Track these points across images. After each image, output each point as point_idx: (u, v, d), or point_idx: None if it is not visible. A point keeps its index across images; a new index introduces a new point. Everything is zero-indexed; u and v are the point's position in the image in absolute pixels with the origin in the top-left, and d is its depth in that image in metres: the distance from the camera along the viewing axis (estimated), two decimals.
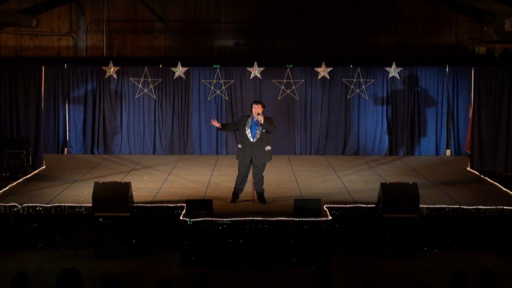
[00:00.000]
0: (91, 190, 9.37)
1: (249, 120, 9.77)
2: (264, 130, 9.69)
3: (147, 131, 14.66)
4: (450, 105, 14.51)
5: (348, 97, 14.55)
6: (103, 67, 14.48)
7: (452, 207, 9.69)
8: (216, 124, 9.90)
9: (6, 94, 12.90)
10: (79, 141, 14.61)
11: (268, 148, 9.78)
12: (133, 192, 9.71)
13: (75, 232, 9.64)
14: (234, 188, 9.97)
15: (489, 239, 9.65)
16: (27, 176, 11.85)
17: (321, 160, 13.92)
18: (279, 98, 14.59)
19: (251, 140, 9.68)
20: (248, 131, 9.70)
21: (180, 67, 14.45)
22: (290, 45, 16.16)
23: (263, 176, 9.89)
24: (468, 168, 12.76)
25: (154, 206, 9.73)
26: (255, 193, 10.05)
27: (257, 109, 9.66)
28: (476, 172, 12.40)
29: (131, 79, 14.53)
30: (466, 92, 13.96)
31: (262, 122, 9.59)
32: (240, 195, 10.05)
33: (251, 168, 9.94)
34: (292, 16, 16.18)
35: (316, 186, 11.25)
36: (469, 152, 13.40)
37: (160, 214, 9.63)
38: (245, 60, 15.49)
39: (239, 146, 9.91)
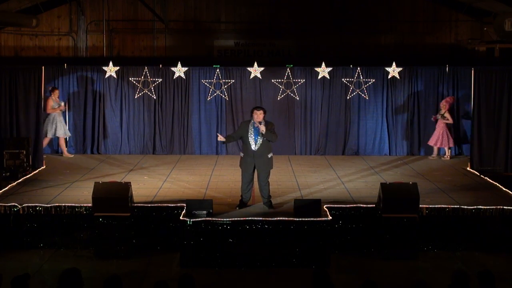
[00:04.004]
0: (91, 190, 9.36)
1: (250, 126, 9.45)
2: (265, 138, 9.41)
3: (147, 131, 14.65)
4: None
5: (348, 97, 14.54)
6: (103, 67, 14.47)
7: (452, 207, 9.69)
8: (222, 138, 9.63)
9: (6, 94, 12.89)
10: (79, 141, 14.60)
11: (270, 155, 9.51)
12: (133, 192, 9.70)
13: (75, 232, 9.65)
14: (241, 196, 9.72)
15: (489, 239, 9.64)
16: (27, 176, 11.85)
17: (321, 160, 13.93)
18: (279, 98, 14.58)
19: (253, 148, 9.40)
20: (250, 139, 9.41)
21: (180, 67, 14.45)
22: (290, 45, 16.17)
23: (268, 182, 9.63)
24: (468, 168, 12.76)
25: (154, 206, 9.73)
26: (262, 199, 9.74)
27: (258, 115, 9.31)
28: (476, 172, 12.40)
29: (131, 79, 14.53)
30: (466, 92, 13.94)
31: (263, 132, 9.27)
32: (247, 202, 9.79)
33: (255, 173, 9.65)
34: (292, 16, 16.19)
35: (316, 186, 11.25)
36: (431, 145, 13.94)
37: (160, 214, 9.63)
38: (245, 60, 15.50)
39: (241, 154, 9.63)
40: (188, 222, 8.93)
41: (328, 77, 14.48)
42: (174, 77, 14.50)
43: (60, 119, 13.84)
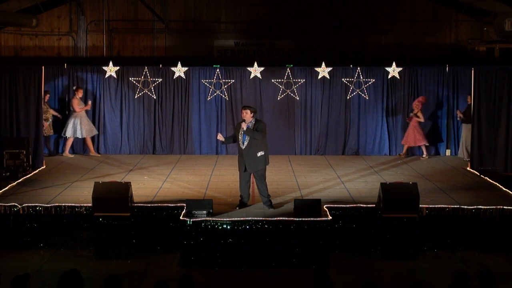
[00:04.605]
0: (91, 190, 9.36)
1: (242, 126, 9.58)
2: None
3: (147, 131, 14.65)
4: (450, 105, 14.51)
5: (348, 97, 14.54)
6: (103, 67, 14.47)
7: (452, 207, 9.68)
8: (221, 137, 9.74)
9: (6, 94, 12.88)
10: (79, 141, 14.58)
11: (260, 154, 9.50)
12: (133, 192, 9.70)
13: (75, 232, 9.65)
14: (240, 196, 9.76)
15: (489, 239, 9.64)
16: (27, 176, 11.85)
17: (321, 160, 13.93)
18: (279, 98, 14.58)
19: (242, 147, 9.50)
20: (240, 138, 9.53)
21: (180, 67, 14.44)
22: (290, 45, 16.17)
23: (264, 182, 9.65)
24: (468, 168, 12.76)
25: (154, 206, 9.73)
26: (261, 198, 9.74)
27: (245, 114, 9.46)
28: (476, 172, 12.40)
29: (131, 79, 14.53)
30: (466, 92, 13.95)
31: (244, 128, 9.43)
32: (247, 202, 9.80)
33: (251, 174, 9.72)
34: (292, 16, 16.19)
35: (316, 186, 11.25)
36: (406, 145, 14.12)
37: (160, 214, 9.63)
38: (245, 60, 15.50)
39: (238, 154, 9.76)
40: (188, 222, 8.93)
41: (328, 77, 14.47)
42: (174, 77, 14.50)
43: (83, 119, 13.91)
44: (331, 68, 14.45)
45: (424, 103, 14.03)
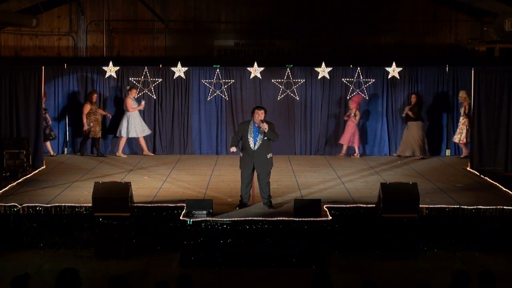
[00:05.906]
0: (91, 190, 9.36)
1: (250, 126, 9.47)
2: (265, 138, 9.42)
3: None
4: (450, 105, 14.51)
5: (348, 97, 14.54)
6: (103, 67, 14.47)
7: (452, 207, 9.68)
8: (235, 149, 9.59)
9: (6, 94, 12.87)
10: (79, 141, 14.57)
11: (270, 155, 9.50)
12: (133, 192, 9.70)
13: (75, 232, 9.65)
14: (241, 196, 9.71)
15: (489, 239, 9.64)
16: (27, 176, 11.84)
17: (321, 160, 13.93)
18: (279, 98, 14.58)
19: (253, 148, 9.42)
20: (250, 139, 9.43)
21: (180, 67, 14.44)
22: (290, 45, 16.17)
23: (268, 182, 9.63)
24: (468, 168, 12.76)
25: (154, 206, 9.73)
26: (262, 199, 9.73)
27: (260, 115, 9.34)
28: (476, 172, 12.40)
29: (131, 79, 14.53)
30: (466, 92, 13.94)
31: (266, 130, 9.31)
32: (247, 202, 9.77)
33: (255, 174, 9.66)
34: (292, 16, 16.20)
35: (316, 186, 11.25)
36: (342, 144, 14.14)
37: (160, 214, 9.62)
38: (245, 60, 15.50)
39: (241, 154, 9.63)
40: (188, 222, 8.93)
41: (328, 77, 14.47)
42: (174, 77, 14.50)
43: (136, 119, 13.90)
44: (331, 68, 14.44)
45: (359, 103, 14.06)
